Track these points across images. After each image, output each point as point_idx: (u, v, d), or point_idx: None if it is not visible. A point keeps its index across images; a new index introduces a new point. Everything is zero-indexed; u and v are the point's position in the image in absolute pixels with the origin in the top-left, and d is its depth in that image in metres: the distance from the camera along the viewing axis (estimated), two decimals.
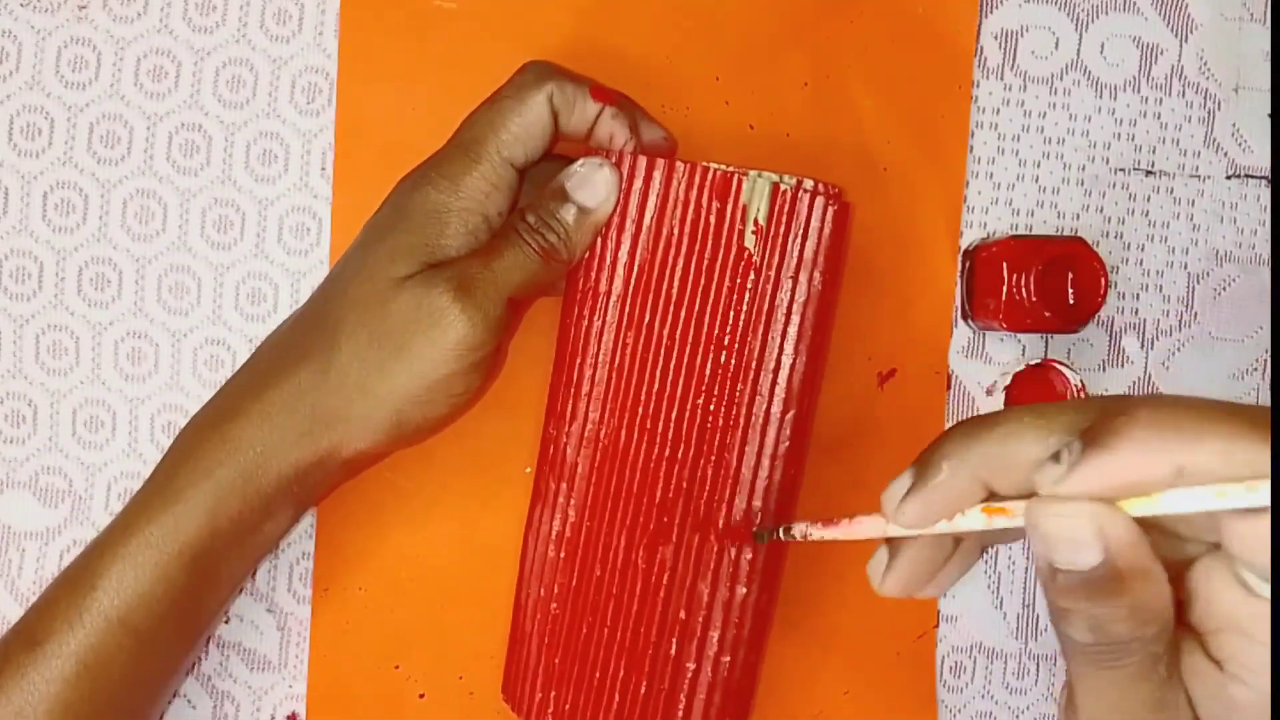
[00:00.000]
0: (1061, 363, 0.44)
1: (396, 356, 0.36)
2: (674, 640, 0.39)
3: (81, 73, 0.44)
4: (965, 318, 0.45)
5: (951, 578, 0.32)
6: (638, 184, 0.38)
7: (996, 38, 0.45)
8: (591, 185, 0.38)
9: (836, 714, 0.45)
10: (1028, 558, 0.46)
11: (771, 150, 0.44)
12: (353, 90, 0.44)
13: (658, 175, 0.38)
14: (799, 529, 0.35)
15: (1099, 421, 0.25)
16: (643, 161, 0.38)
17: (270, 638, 0.44)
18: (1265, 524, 0.23)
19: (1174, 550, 0.27)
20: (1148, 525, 0.25)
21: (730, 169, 0.38)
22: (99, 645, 0.36)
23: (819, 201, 0.38)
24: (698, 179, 0.38)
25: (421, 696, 0.44)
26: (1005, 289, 0.42)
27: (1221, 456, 0.23)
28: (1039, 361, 0.44)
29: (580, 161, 0.38)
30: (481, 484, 0.44)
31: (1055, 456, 0.25)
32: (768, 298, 0.38)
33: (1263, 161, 0.46)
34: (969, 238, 0.45)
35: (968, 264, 0.45)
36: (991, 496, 0.28)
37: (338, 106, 0.44)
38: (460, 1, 0.44)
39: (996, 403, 0.44)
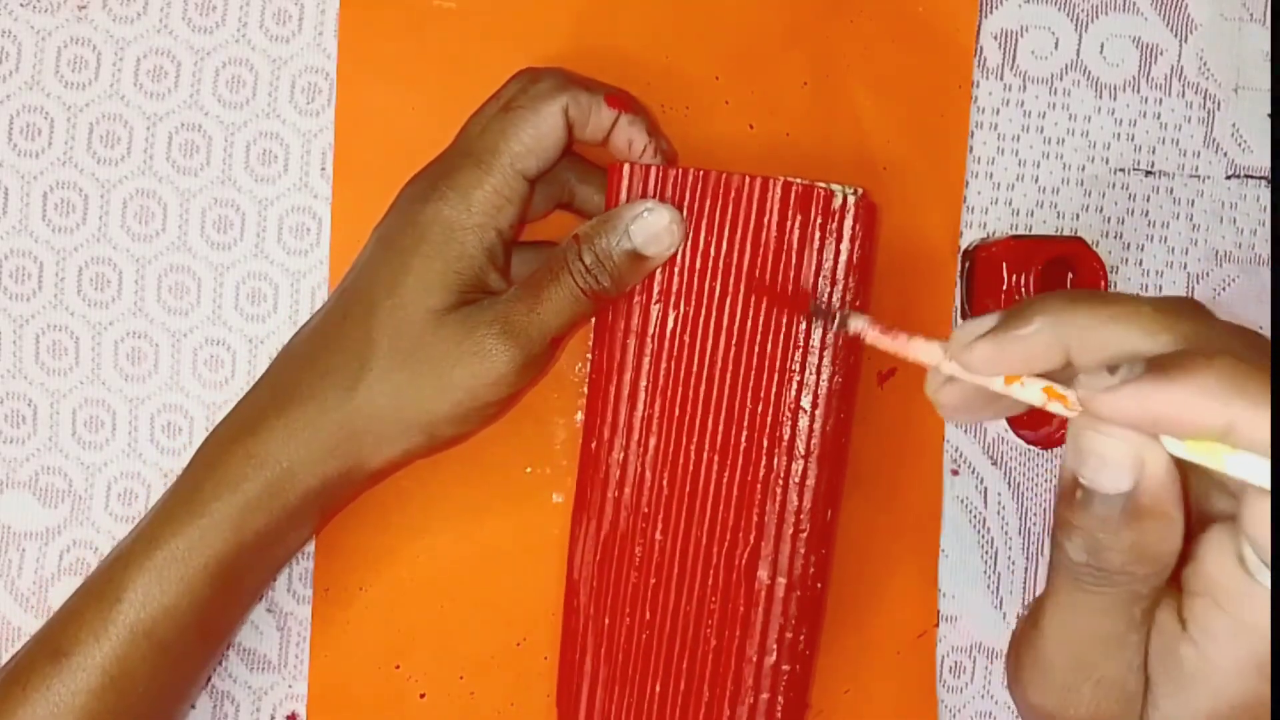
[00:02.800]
0: None
1: (434, 386, 0.37)
2: (712, 643, 0.39)
3: (81, 73, 0.44)
4: (965, 318, 0.45)
5: (1003, 408, 0.30)
6: (652, 192, 0.38)
7: (996, 38, 0.45)
8: (656, 233, 0.37)
9: (836, 714, 0.45)
10: (1027, 557, 0.46)
11: (771, 150, 0.45)
12: (353, 90, 0.44)
13: (672, 184, 0.38)
14: (857, 323, 0.33)
15: (1178, 353, 0.24)
16: (655, 171, 0.38)
17: (270, 638, 0.44)
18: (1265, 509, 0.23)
19: (1201, 504, 0.27)
20: (1184, 470, 0.25)
21: (744, 176, 0.38)
22: (124, 658, 0.36)
23: (848, 208, 0.38)
24: (713, 186, 0.38)
25: (422, 696, 0.44)
26: (1005, 289, 0.42)
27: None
28: None
29: (648, 205, 0.38)
30: (482, 484, 0.44)
31: (1112, 369, 0.24)
32: (800, 305, 0.38)
33: (1263, 161, 0.46)
34: (969, 238, 0.45)
35: (968, 264, 0.45)
36: (1055, 375, 0.27)
37: (338, 106, 0.44)
38: (460, 1, 0.44)
39: None
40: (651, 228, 0.37)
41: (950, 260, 0.45)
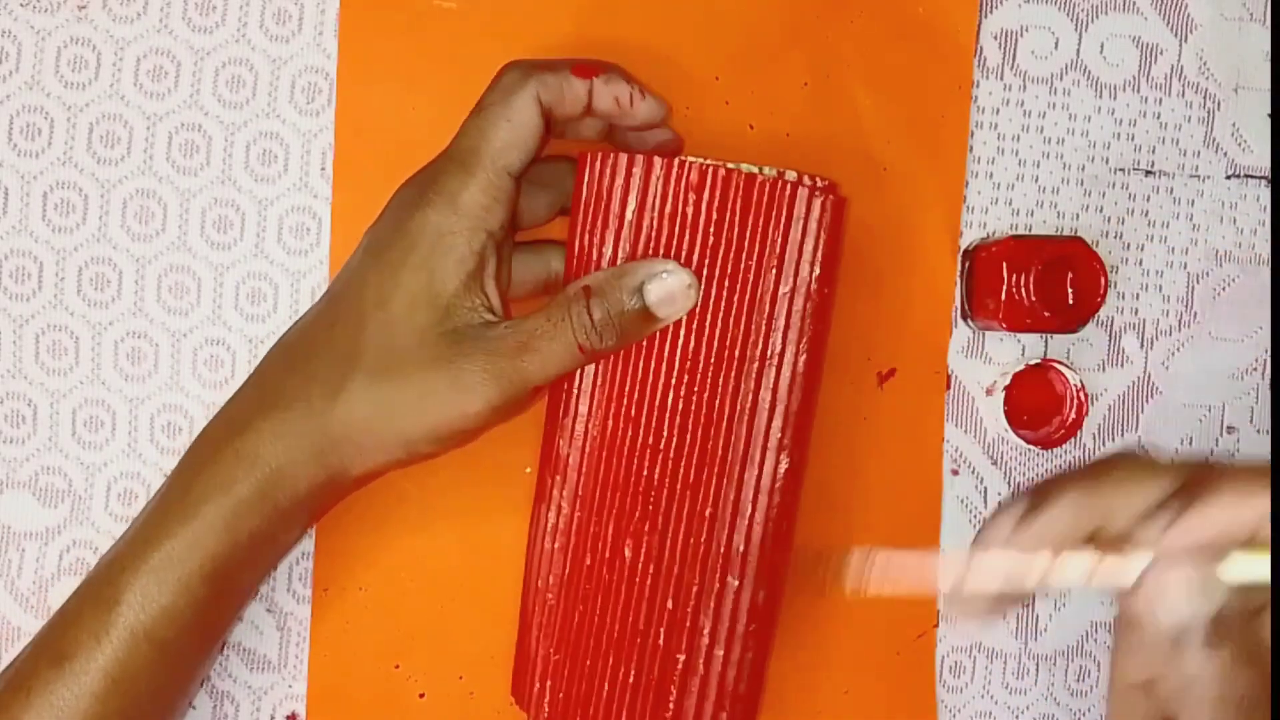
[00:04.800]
0: (1061, 363, 0.44)
1: (412, 407, 0.36)
2: (661, 630, 0.39)
3: (81, 73, 0.44)
4: (965, 318, 0.45)
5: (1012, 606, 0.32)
6: (619, 180, 0.38)
7: (996, 38, 0.45)
8: (673, 295, 0.37)
9: (836, 714, 0.45)
10: None
11: (771, 150, 0.44)
12: (353, 90, 0.44)
13: (638, 171, 0.38)
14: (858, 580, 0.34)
15: (1191, 480, 0.28)
16: (623, 159, 0.38)
17: (270, 638, 0.44)
18: None
19: None
20: None
21: (708, 162, 0.38)
22: (126, 660, 0.36)
23: (815, 198, 0.37)
24: (676, 173, 0.37)
25: (421, 696, 0.44)
26: (1005, 289, 0.42)
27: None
28: (1039, 361, 0.44)
29: (667, 266, 0.37)
30: (482, 484, 0.44)
31: (1157, 511, 0.28)
32: (764, 293, 0.38)
33: (1263, 161, 0.46)
34: (969, 238, 0.45)
35: (967, 264, 0.45)
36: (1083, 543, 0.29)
37: (338, 106, 0.44)
38: (460, 1, 0.44)
39: (996, 402, 0.44)
40: (669, 289, 0.37)
41: (950, 260, 0.45)
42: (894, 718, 0.45)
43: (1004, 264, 0.42)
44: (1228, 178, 0.46)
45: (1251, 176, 0.46)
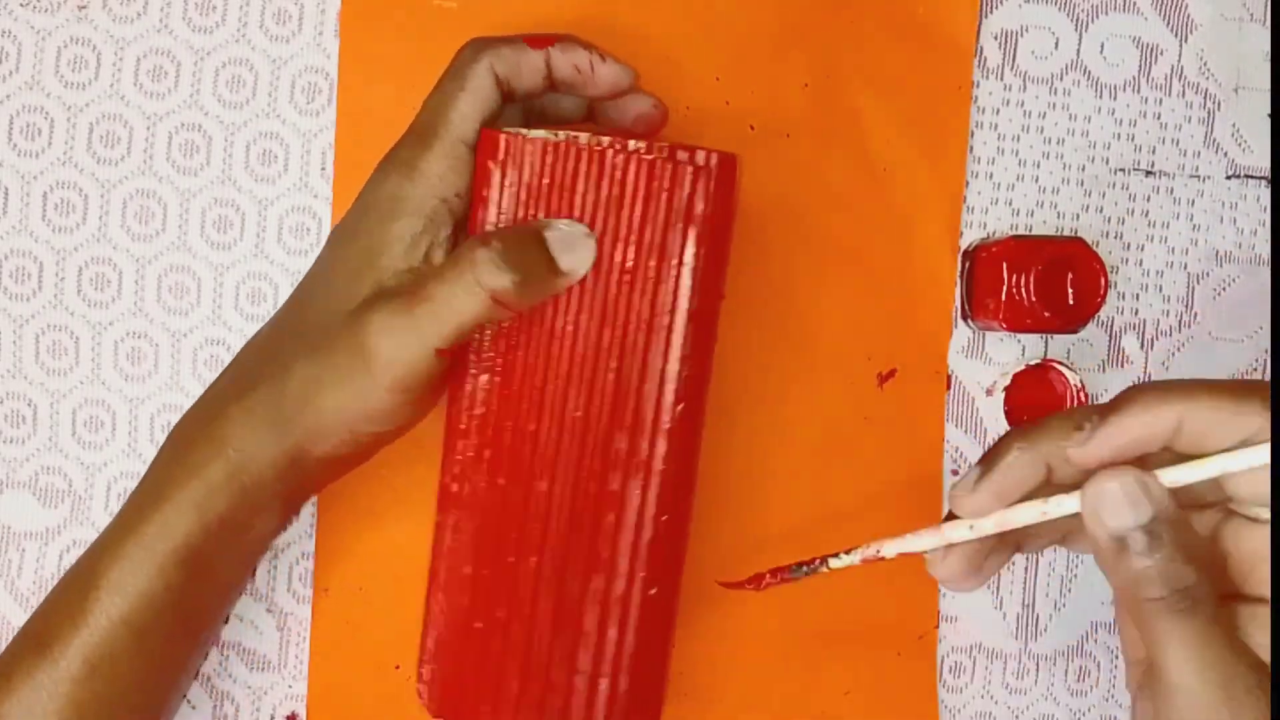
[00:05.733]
0: (1061, 363, 0.44)
1: (338, 377, 0.36)
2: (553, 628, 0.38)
3: (81, 73, 0.44)
4: (965, 318, 0.45)
5: (992, 569, 0.35)
6: (492, 162, 0.37)
7: (996, 38, 0.45)
8: (571, 242, 0.36)
9: (836, 714, 0.45)
10: (1026, 557, 0.46)
11: (772, 151, 0.45)
12: (353, 90, 0.44)
13: (501, 151, 0.37)
14: (844, 560, 0.36)
15: (1111, 401, 0.32)
16: (501, 139, 0.37)
17: (270, 638, 0.44)
18: (1261, 470, 0.30)
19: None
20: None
21: (591, 141, 0.37)
22: (104, 644, 0.36)
23: (699, 177, 0.37)
24: (540, 151, 0.37)
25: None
26: (1005, 289, 0.42)
27: (1210, 411, 0.30)
28: (1039, 362, 0.44)
29: (566, 221, 0.37)
30: None
31: (1079, 426, 0.31)
32: (645, 267, 0.37)
33: (1263, 161, 0.46)
34: (969, 238, 0.45)
35: (967, 264, 0.45)
36: (1041, 490, 0.32)
37: (338, 106, 0.44)
38: (460, 1, 0.44)
39: (996, 403, 0.44)
40: (568, 234, 0.36)
41: (950, 260, 0.45)
42: (894, 718, 0.45)
43: (1004, 264, 0.42)
44: (1228, 178, 0.46)
45: (1251, 176, 0.46)
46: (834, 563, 0.36)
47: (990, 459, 0.32)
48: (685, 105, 0.44)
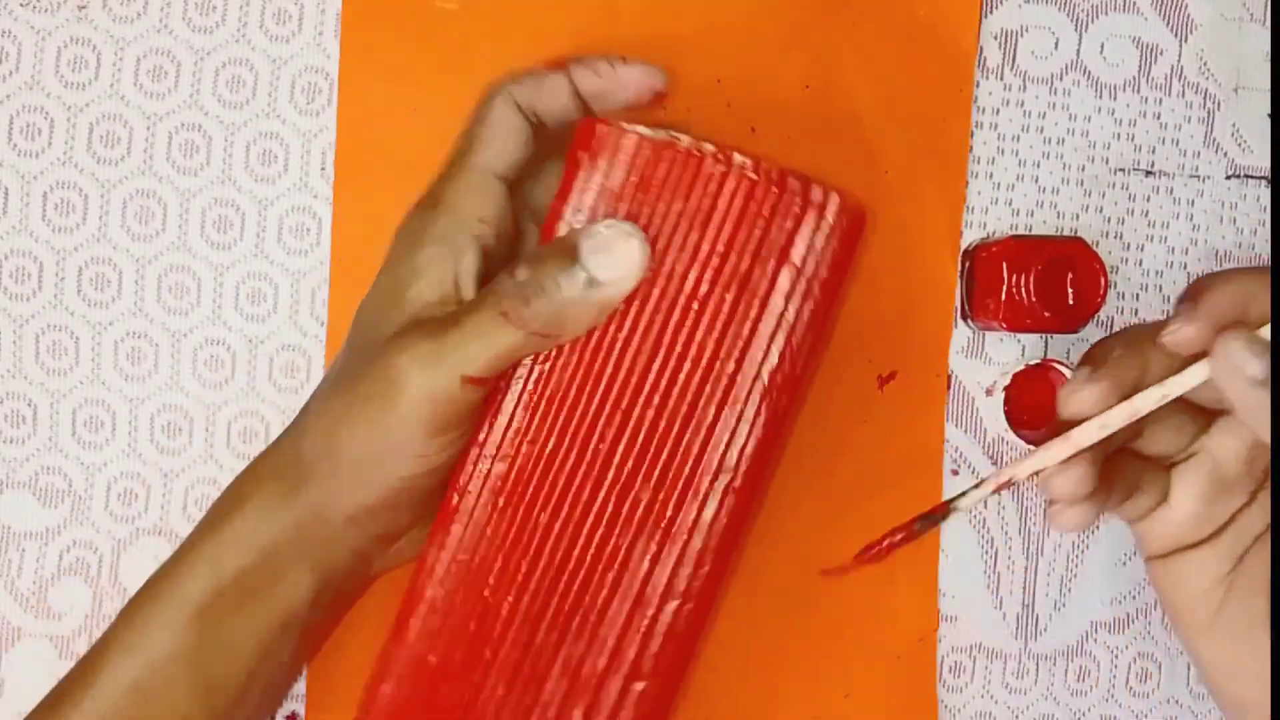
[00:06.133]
0: (1061, 363, 0.44)
1: (354, 416, 0.34)
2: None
3: (81, 73, 0.44)
4: (965, 318, 0.45)
5: (1103, 500, 0.35)
6: (583, 152, 0.34)
7: (996, 38, 0.45)
8: (612, 254, 0.32)
9: (837, 715, 0.45)
10: (1027, 557, 0.46)
11: (773, 152, 0.44)
12: (353, 90, 0.44)
13: (594, 140, 0.33)
14: (972, 496, 0.35)
15: (1187, 291, 0.34)
16: (597, 127, 0.34)
17: None
18: None
19: None
20: None
21: (683, 142, 0.34)
22: (112, 709, 0.35)
23: (831, 201, 0.34)
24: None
25: None
26: (1005, 289, 0.42)
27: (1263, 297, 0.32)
28: (1039, 361, 0.44)
29: (606, 222, 0.33)
30: None
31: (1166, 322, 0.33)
32: (719, 298, 0.34)
33: (1263, 161, 0.46)
34: (969, 238, 0.45)
35: (967, 264, 0.45)
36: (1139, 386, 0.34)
37: (338, 106, 0.44)
38: (460, 1, 0.44)
39: (996, 403, 0.44)
40: (606, 243, 0.33)
41: (950, 261, 0.45)
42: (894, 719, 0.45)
43: (1004, 264, 0.42)
44: (1228, 178, 0.46)
45: (1251, 176, 0.46)
46: (962, 503, 0.34)
47: (1094, 358, 0.34)
48: (687, 108, 0.44)
